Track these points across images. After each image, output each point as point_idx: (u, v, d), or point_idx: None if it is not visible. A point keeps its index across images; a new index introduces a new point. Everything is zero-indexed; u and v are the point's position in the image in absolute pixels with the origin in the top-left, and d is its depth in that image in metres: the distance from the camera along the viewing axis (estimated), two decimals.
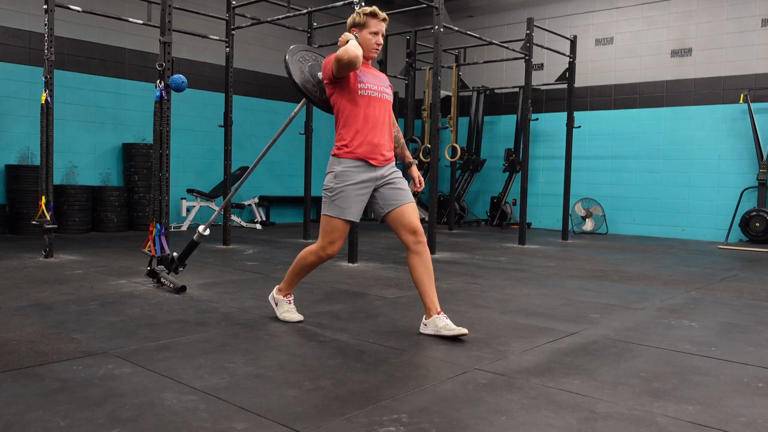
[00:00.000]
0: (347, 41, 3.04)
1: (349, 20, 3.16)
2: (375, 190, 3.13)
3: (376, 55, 3.19)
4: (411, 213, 3.13)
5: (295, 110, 3.59)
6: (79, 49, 8.13)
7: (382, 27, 3.14)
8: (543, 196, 10.74)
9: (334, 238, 3.11)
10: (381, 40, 3.15)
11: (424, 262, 3.09)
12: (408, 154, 3.43)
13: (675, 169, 9.46)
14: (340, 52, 2.96)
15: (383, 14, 3.14)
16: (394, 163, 3.22)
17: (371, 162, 3.07)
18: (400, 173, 3.21)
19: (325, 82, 3.17)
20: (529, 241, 8.07)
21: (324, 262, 3.23)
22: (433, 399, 2.23)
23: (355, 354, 2.78)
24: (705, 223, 9.21)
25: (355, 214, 3.09)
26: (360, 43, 3.07)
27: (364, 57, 3.11)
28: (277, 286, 3.44)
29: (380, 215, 3.18)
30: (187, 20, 8.17)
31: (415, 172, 3.37)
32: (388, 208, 3.13)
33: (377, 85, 3.15)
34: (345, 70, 3.00)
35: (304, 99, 3.38)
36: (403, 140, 3.41)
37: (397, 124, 3.36)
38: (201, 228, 3.97)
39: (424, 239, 3.12)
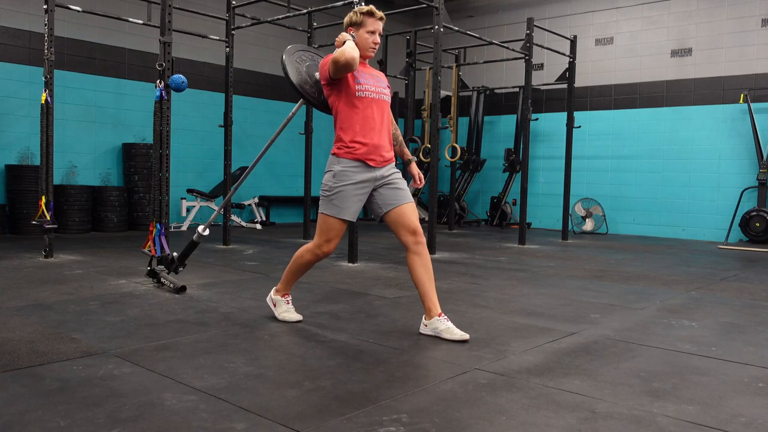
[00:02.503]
0: (344, 42, 3.02)
1: (346, 19, 3.15)
2: (374, 190, 3.13)
3: (373, 54, 3.18)
4: (410, 213, 3.13)
5: (293, 110, 3.59)
6: (79, 49, 8.13)
7: (379, 26, 3.12)
8: (543, 196, 10.74)
9: (331, 237, 3.11)
10: (378, 39, 3.13)
11: (423, 262, 3.09)
12: (407, 151, 3.43)
13: (675, 169, 9.46)
14: (337, 53, 2.94)
15: (380, 13, 3.13)
16: (393, 163, 3.22)
17: (370, 163, 3.07)
18: (399, 174, 3.20)
19: (322, 83, 3.15)
20: (529, 241, 8.07)
21: (320, 260, 3.23)
22: (433, 399, 2.23)
23: (355, 354, 2.78)
24: (705, 223, 9.21)
25: (352, 214, 3.09)
26: (357, 43, 3.06)
27: (361, 56, 3.10)
28: (275, 287, 3.44)
29: (379, 215, 3.17)
30: (187, 20, 8.17)
31: (415, 169, 3.36)
32: (386, 207, 3.12)
33: (375, 86, 3.14)
34: (342, 72, 2.99)
35: (302, 99, 3.38)
36: (401, 138, 3.41)
37: (395, 123, 3.36)
38: (200, 228, 3.97)
39: (424, 239, 3.12)
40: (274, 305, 3.41)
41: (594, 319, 3.61)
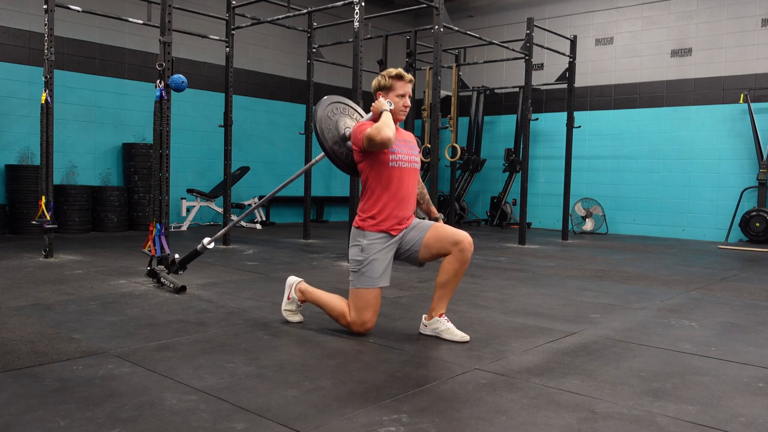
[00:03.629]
0: (380, 111, 2.99)
1: (374, 83, 3.10)
2: (398, 249, 3.07)
3: (404, 117, 3.12)
4: (440, 227, 3.03)
5: (315, 160, 3.54)
6: (79, 49, 8.13)
7: (409, 88, 3.08)
8: (543, 196, 10.74)
9: (370, 314, 3.01)
10: (408, 102, 3.08)
11: (461, 264, 2.97)
12: (434, 209, 3.34)
13: (675, 169, 9.46)
14: (373, 131, 2.89)
15: (409, 75, 3.08)
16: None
17: (393, 233, 3.04)
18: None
19: (354, 148, 3.08)
20: (529, 241, 8.07)
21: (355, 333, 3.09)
22: (433, 399, 2.23)
23: (355, 354, 2.79)
24: (705, 223, 9.21)
25: (387, 279, 3.03)
26: (391, 111, 3.01)
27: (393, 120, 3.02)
28: (301, 287, 3.31)
29: (415, 258, 3.07)
30: (187, 20, 8.17)
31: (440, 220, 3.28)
32: (417, 245, 3.03)
33: (408, 154, 3.09)
34: (376, 148, 2.95)
35: (323, 154, 3.28)
36: (428, 196, 3.34)
37: (422, 182, 3.29)
38: (206, 240, 3.90)
39: (469, 246, 2.97)
40: (288, 298, 3.34)
41: (594, 319, 3.61)
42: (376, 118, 3.07)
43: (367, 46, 7.08)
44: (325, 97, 3.28)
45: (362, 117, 3.33)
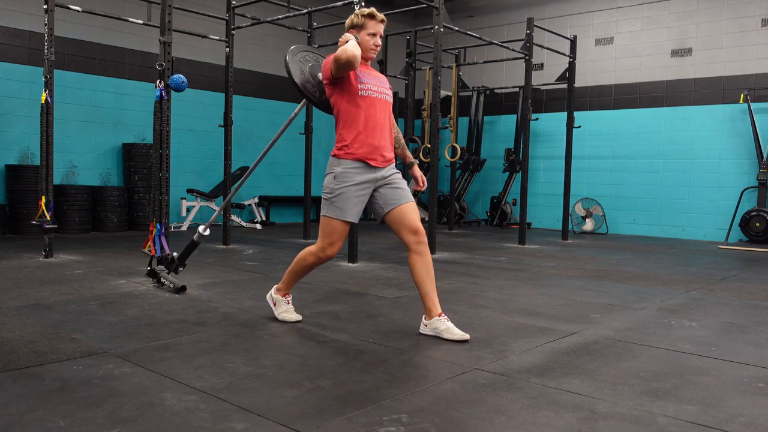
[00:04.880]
0: (347, 41, 3.04)
1: (347, 22, 3.16)
2: (374, 190, 3.13)
3: (374, 56, 3.18)
4: (411, 212, 3.12)
5: (295, 111, 3.59)
6: (79, 49, 8.13)
7: (380, 28, 3.13)
8: (543, 196, 10.74)
9: (334, 240, 3.11)
10: (379, 41, 3.15)
11: (424, 262, 3.08)
12: (409, 154, 3.42)
13: (675, 169, 9.46)
14: (339, 51, 2.95)
15: (381, 15, 3.14)
16: (393, 164, 3.22)
17: (371, 163, 3.07)
18: (399, 174, 3.20)
19: (324, 82, 3.16)
20: (529, 241, 8.07)
21: (323, 263, 3.23)
22: (433, 399, 2.23)
23: (355, 354, 2.79)
24: (705, 223, 9.21)
25: (354, 215, 3.09)
26: (359, 44, 3.07)
27: (363, 57, 3.11)
28: (276, 286, 3.43)
29: (380, 215, 3.17)
30: (187, 20, 8.17)
31: (417, 171, 3.35)
32: (387, 207, 3.12)
33: (378, 86, 3.15)
34: (344, 69, 2.99)
35: (304, 99, 3.37)
36: (403, 141, 3.41)
37: (396, 125, 3.36)
38: (201, 228, 3.97)
39: (425, 239, 3.11)
40: (275, 304, 3.41)
41: (594, 319, 3.61)
42: None
43: None
44: (295, 46, 3.35)
45: None
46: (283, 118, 10.40)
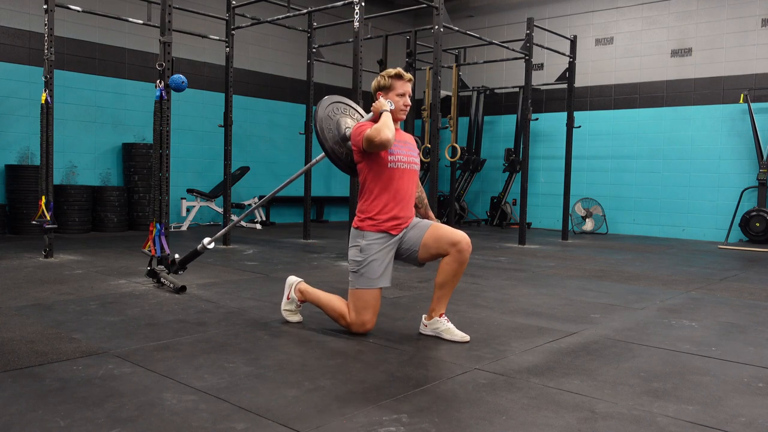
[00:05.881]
0: (380, 111, 2.98)
1: (374, 84, 3.10)
2: (398, 247, 3.06)
3: (404, 117, 3.12)
4: (440, 229, 3.01)
5: (316, 159, 3.52)
6: (79, 49, 8.13)
7: (408, 87, 3.08)
8: (543, 196, 10.74)
9: (369, 314, 3.00)
10: (409, 101, 3.09)
11: (458, 269, 2.96)
12: (432, 214, 3.34)
13: (675, 169, 9.46)
14: (373, 132, 2.89)
15: (408, 75, 3.09)
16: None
17: (393, 233, 3.03)
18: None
19: (353, 149, 3.08)
20: (529, 241, 8.07)
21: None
22: (433, 399, 2.23)
23: (355, 354, 2.78)
24: (705, 223, 9.21)
25: (386, 280, 3.02)
26: (391, 111, 3.01)
27: (392, 119, 3.01)
28: (300, 287, 3.31)
29: (415, 257, 3.06)
30: (187, 20, 8.17)
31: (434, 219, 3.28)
32: (416, 246, 3.02)
33: (407, 155, 3.08)
34: (375, 149, 2.94)
35: (323, 154, 3.27)
36: (426, 201, 3.34)
37: (421, 186, 3.29)
38: (206, 240, 3.89)
39: (469, 248, 2.96)
40: (288, 298, 3.34)
41: (594, 319, 3.61)
42: (376, 119, 3.06)
43: (367, 46, 7.08)
44: (326, 97, 3.27)
45: (363, 117, 3.32)
46: (283, 118, 10.42)
